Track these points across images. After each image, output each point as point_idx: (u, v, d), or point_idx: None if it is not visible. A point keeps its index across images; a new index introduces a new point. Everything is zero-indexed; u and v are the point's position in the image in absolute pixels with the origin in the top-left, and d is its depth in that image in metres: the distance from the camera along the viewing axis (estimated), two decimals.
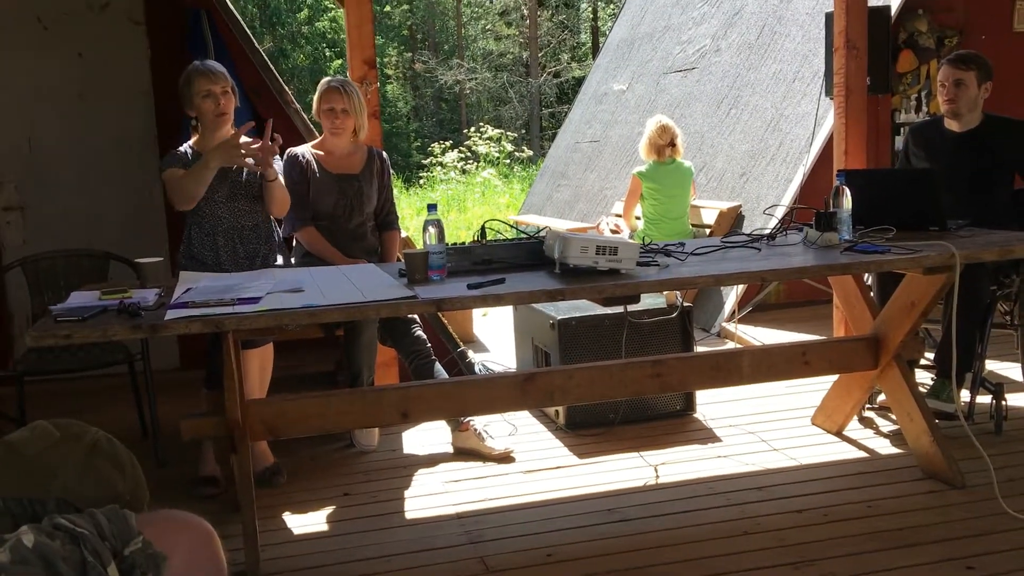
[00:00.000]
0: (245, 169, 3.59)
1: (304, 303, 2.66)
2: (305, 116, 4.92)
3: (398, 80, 28.46)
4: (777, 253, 3.27)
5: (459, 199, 15.69)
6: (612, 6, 26.09)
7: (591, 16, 28.23)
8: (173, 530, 1.42)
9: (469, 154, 17.87)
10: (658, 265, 3.04)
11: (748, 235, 3.58)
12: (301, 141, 4.33)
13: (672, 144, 5.79)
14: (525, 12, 26.74)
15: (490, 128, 18.62)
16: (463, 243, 3.22)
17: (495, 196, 15.63)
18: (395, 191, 17.01)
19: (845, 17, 4.68)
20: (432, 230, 2.96)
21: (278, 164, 3.60)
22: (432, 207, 3.07)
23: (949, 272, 3.06)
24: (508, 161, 18.37)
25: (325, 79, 3.97)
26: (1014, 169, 4.07)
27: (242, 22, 5.16)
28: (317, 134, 4.16)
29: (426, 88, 27.88)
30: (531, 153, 20.11)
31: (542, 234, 3.24)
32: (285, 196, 3.66)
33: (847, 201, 3.34)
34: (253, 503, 2.90)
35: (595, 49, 24.40)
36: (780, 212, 3.86)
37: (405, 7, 28.53)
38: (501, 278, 2.89)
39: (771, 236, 3.53)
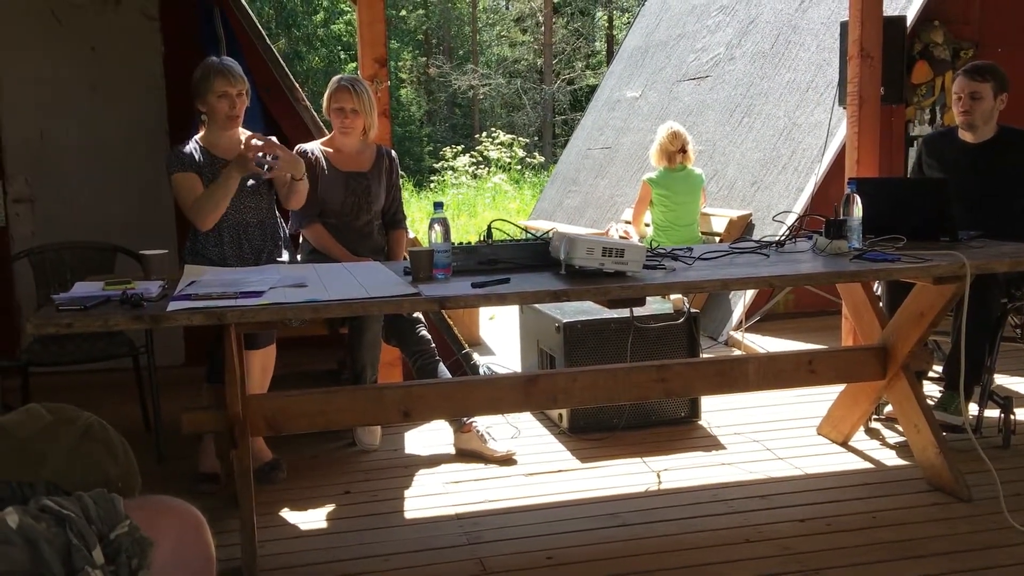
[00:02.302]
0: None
1: (307, 298, 2.65)
2: (315, 113, 4.92)
3: (412, 84, 28.52)
4: (785, 260, 3.24)
5: (470, 203, 15.70)
6: (627, 14, 26.11)
7: (606, 24, 28.26)
8: (161, 515, 1.41)
9: (481, 159, 17.88)
10: (664, 268, 3.02)
11: (757, 241, 3.56)
12: (311, 138, 4.32)
13: (683, 151, 5.77)
14: (540, 19, 26.78)
15: (502, 133, 18.63)
16: (469, 243, 3.20)
17: (505, 201, 15.63)
18: (406, 194, 16.87)
19: (860, 26, 4.66)
20: (438, 228, 2.94)
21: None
22: (438, 205, 3.05)
23: (959, 282, 3.03)
24: (519, 167, 18.37)
25: (336, 77, 3.96)
26: None
27: (255, 19, 5.17)
28: (327, 132, 4.15)
29: (440, 93, 27.93)
30: (543, 159, 20.12)
31: (548, 235, 3.22)
32: (304, 196, 3.67)
33: (857, 209, 3.31)
34: (252, 498, 2.88)
35: (610, 57, 24.40)
36: (790, 219, 3.83)
37: (421, 12, 28.61)
38: (506, 278, 2.87)
39: (780, 243, 3.51)
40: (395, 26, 27.18)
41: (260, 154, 3.43)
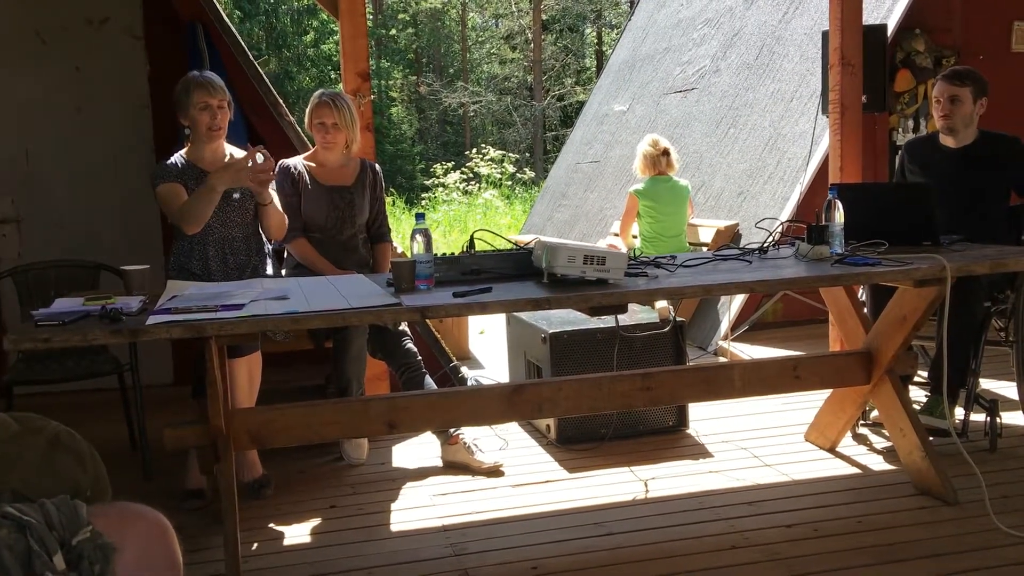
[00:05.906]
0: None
1: (288, 310, 2.65)
2: (300, 130, 4.93)
3: (403, 103, 28.59)
4: (768, 266, 3.25)
5: (461, 220, 15.71)
6: (616, 30, 26.23)
7: (595, 40, 28.40)
8: (127, 522, 1.40)
9: (471, 175, 17.92)
10: (647, 275, 3.02)
11: (740, 248, 3.57)
12: (295, 155, 4.32)
13: (666, 153, 5.77)
14: (529, 36, 26.89)
15: (492, 150, 18.68)
16: (452, 254, 3.20)
17: (496, 217, 15.65)
18: (397, 211, 16.73)
19: (840, 34, 4.69)
20: (420, 239, 2.94)
21: (272, 192, 3.62)
22: (420, 216, 3.05)
23: (940, 285, 3.03)
24: (510, 183, 18.41)
25: (318, 92, 3.97)
26: (1009, 185, 4.06)
27: (238, 35, 5.18)
28: (311, 147, 4.16)
29: (431, 111, 28.00)
30: (533, 175, 20.16)
31: (530, 245, 3.22)
32: (282, 219, 3.68)
33: (839, 215, 3.33)
34: (236, 512, 2.87)
35: (599, 73, 24.49)
36: (774, 227, 3.85)
37: (410, 31, 28.71)
38: (488, 287, 2.87)
39: (763, 250, 3.52)
40: (385, 45, 27.29)
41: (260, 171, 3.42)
